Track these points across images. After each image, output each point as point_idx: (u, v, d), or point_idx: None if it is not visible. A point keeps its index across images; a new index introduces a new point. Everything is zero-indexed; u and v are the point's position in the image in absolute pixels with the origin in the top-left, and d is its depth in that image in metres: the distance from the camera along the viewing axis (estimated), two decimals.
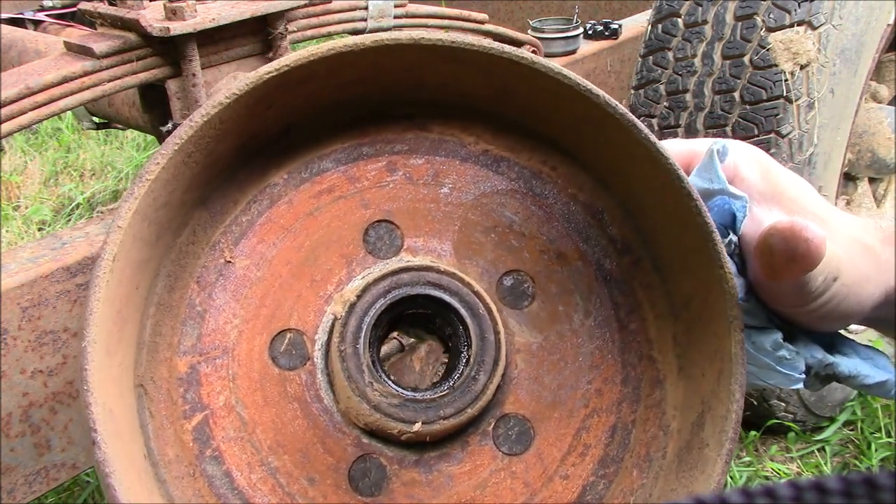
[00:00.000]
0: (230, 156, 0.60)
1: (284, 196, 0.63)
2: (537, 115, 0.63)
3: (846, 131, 1.31)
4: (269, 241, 0.62)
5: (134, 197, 0.52)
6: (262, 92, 0.56)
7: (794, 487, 0.28)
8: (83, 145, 2.68)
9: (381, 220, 0.64)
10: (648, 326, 0.63)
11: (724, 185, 0.57)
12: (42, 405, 0.92)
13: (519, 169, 0.65)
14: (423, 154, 0.65)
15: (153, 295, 0.59)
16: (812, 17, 1.19)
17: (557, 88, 0.57)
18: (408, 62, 0.59)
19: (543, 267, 0.64)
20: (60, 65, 0.93)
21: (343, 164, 0.64)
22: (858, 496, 0.27)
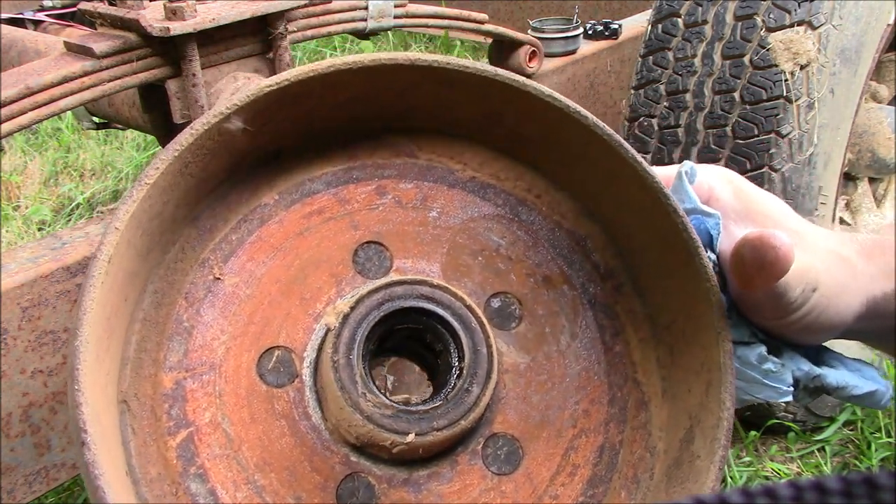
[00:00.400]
0: (222, 174, 0.60)
1: (275, 216, 0.63)
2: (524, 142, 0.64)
3: (846, 131, 1.31)
4: (259, 260, 0.62)
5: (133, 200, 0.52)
6: (261, 105, 0.56)
7: (794, 487, 0.28)
8: (83, 145, 2.68)
9: (371, 242, 0.64)
10: (632, 349, 0.64)
11: (695, 204, 0.59)
12: (42, 405, 0.92)
13: (505, 196, 0.66)
14: (412, 179, 0.66)
15: (139, 311, 0.58)
16: (812, 17, 1.19)
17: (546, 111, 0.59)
18: (402, 83, 0.60)
19: (530, 290, 0.65)
20: (60, 65, 0.93)
21: (334, 187, 0.64)
22: (858, 496, 0.27)
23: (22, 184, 2.47)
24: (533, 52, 1.42)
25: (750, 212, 0.60)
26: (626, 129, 1.37)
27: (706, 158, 1.26)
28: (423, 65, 0.58)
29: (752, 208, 0.60)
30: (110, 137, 2.70)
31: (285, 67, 1.09)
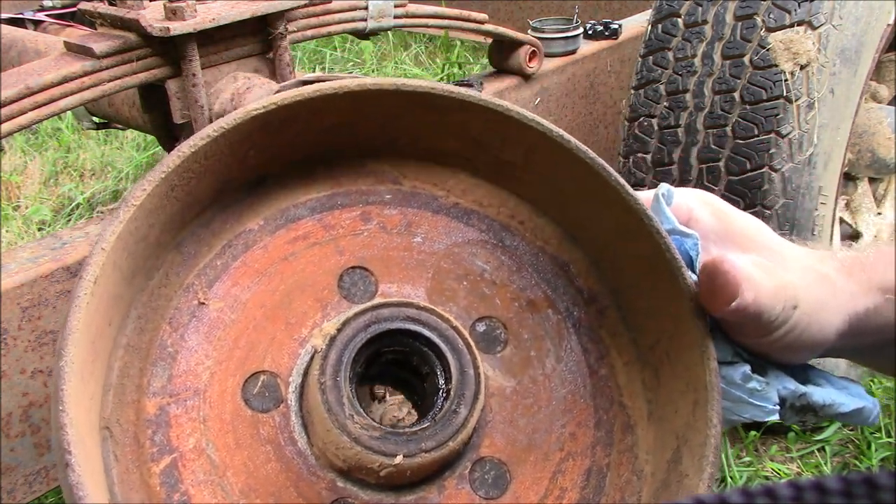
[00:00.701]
0: (207, 199, 0.60)
1: (260, 241, 0.63)
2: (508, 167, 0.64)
3: (846, 131, 1.31)
4: (244, 285, 0.62)
5: (119, 221, 0.52)
6: (248, 129, 0.56)
7: (794, 487, 0.28)
8: (83, 145, 2.68)
9: (356, 267, 0.64)
10: (617, 373, 0.64)
11: (673, 225, 0.59)
12: (42, 405, 0.92)
13: (489, 221, 0.67)
14: (396, 205, 0.66)
15: (122, 336, 0.58)
16: (812, 17, 1.19)
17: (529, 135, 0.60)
18: (387, 109, 0.60)
19: (515, 314, 0.65)
20: (60, 65, 0.93)
21: (318, 213, 0.64)
22: (858, 496, 0.27)
23: (22, 184, 2.47)
24: (533, 52, 1.42)
25: (729, 232, 0.61)
26: (626, 129, 1.37)
27: (706, 158, 1.26)
28: (408, 90, 0.58)
29: (731, 229, 0.61)
30: (110, 137, 2.70)
31: (285, 67, 1.09)
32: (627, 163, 1.37)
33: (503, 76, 1.44)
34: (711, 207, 0.62)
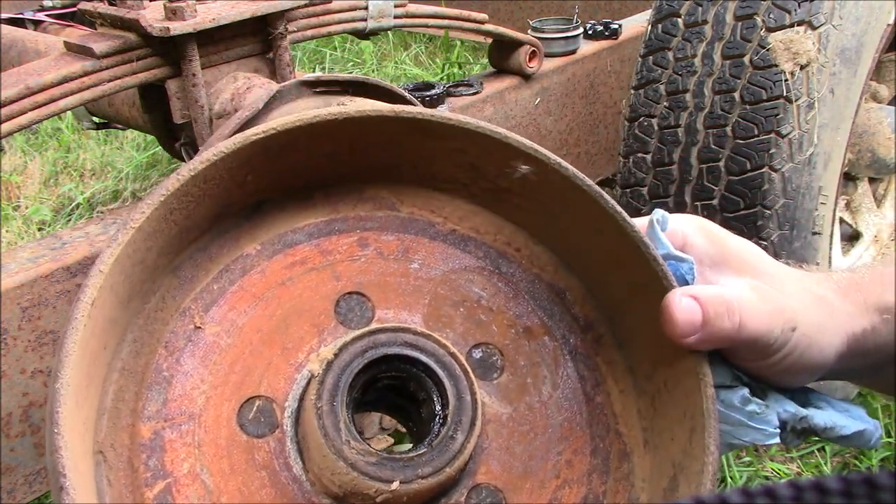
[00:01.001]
0: (205, 223, 0.60)
1: (257, 266, 0.63)
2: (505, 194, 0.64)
3: (846, 131, 1.31)
4: (241, 309, 0.61)
5: (118, 243, 0.52)
6: (248, 154, 0.56)
7: (794, 487, 0.28)
8: (83, 145, 2.68)
9: (353, 292, 0.64)
10: (613, 400, 0.64)
11: (668, 250, 0.59)
12: (42, 405, 0.92)
13: (485, 248, 0.67)
14: (393, 231, 0.66)
15: (118, 360, 0.57)
16: (812, 17, 1.19)
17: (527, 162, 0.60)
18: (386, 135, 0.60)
19: (511, 340, 0.65)
20: (60, 65, 0.93)
21: (316, 238, 0.64)
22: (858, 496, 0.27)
23: (22, 184, 2.47)
24: (533, 52, 1.42)
25: (724, 257, 0.61)
26: (626, 129, 1.37)
27: (706, 158, 1.26)
28: (408, 117, 0.59)
29: (726, 253, 0.61)
30: (110, 137, 2.70)
31: (285, 67, 1.09)
32: (627, 163, 1.37)
33: (503, 76, 1.44)
34: (706, 232, 0.62)
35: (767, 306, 0.56)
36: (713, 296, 0.56)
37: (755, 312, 0.56)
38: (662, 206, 1.33)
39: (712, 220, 1.32)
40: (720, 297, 0.56)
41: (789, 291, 0.59)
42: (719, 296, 0.56)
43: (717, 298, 0.56)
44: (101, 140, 2.69)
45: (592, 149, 1.66)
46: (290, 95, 0.95)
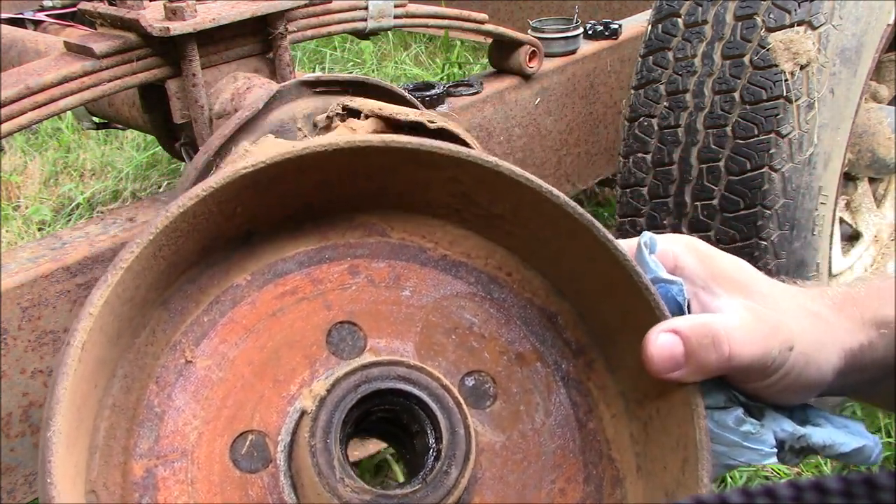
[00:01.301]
0: (194, 256, 0.60)
1: (247, 297, 0.62)
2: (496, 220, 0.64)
3: (846, 131, 1.31)
4: (232, 342, 0.61)
5: (107, 284, 0.51)
6: (237, 188, 0.56)
7: (794, 487, 0.28)
8: (83, 145, 2.68)
9: (344, 322, 0.64)
10: (606, 426, 0.64)
11: (656, 273, 0.59)
12: (42, 405, 0.92)
13: (477, 273, 0.66)
14: (384, 258, 0.66)
15: (108, 397, 0.57)
16: (812, 17, 1.19)
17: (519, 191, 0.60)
18: (376, 164, 0.60)
19: (503, 367, 0.65)
20: (60, 65, 0.93)
21: (306, 267, 0.64)
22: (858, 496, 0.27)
23: (22, 184, 2.47)
24: (533, 52, 1.42)
25: (716, 277, 0.60)
26: (626, 129, 1.37)
27: (706, 158, 1.26)
28: (398, 146, 0.58)
29: (718, 274, 0.60)
30: (110, 137, 2.70)
31: (285, 67, 1.09)
32: (627, 163, 1.37)
33: (503, 76, 1.44)
34: (697, 252, 0.62)
35: (763, 327, 0.56)
36: (697, 327, 0.55)
37: (748, 338, 0.55)
38: (662, 205, 1.33)
39: (712, 220, 1.33)
40: (705, 328, 0.55)
41: (784, 309, 0.58)
42: (704, 326, 0.55)
43: (701, 329, 0.55)
44: (101, 140, 2.69)
45: (592, 149, 1.66)
46: (290, 95, 0.95)
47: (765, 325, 0.56)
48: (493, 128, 1.41)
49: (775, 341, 0.56)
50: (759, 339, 0.55)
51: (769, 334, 0.56)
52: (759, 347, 0.55)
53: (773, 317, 0.57)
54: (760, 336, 0.55)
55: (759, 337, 0.55)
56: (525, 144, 1.49)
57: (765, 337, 0.55)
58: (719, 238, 1.28)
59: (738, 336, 0.55)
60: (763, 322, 0.56)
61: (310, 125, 0.96)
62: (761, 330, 0.56)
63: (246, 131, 0.91)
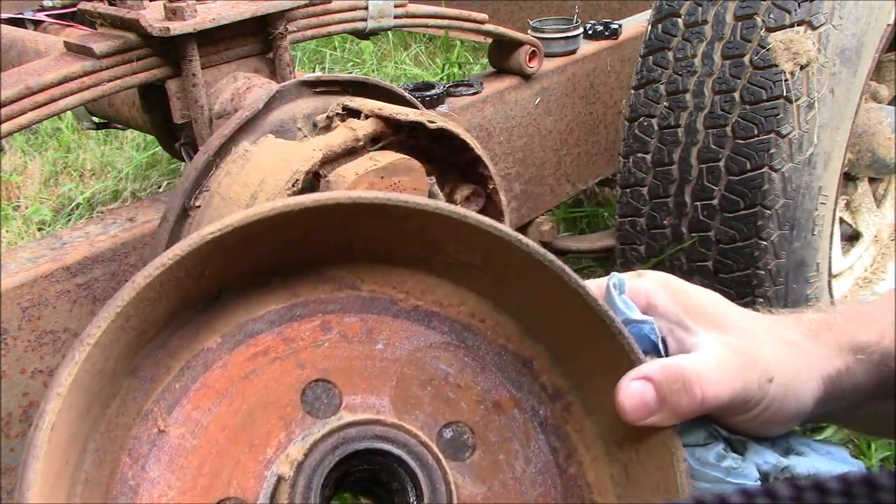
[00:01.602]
0: (163, 322, 0.59)
1: (219, 360, 0.61)
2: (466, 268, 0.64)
3: (846, 131, 1.31)
4: (205, 407, 0.60)
5: (74, 362, 0.50)
6: (204, 253, 0.56)
7: (794, 487, 0.28)
8: (83, 145, 2.68)
9: (319, 380, 0.63)
10: (586, 470, 0.63)
11: (627, 315, 0.59)
12: None
13: (450, 322, 0.66)
14: (356, 312, 0.65)
15: (80, 472, 0.55)
16: (812, 17, 1.19)
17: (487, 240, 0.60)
18: (344, 220, 0.60)
19: (481, 417, 0.64)
20: (60, 65, 0.93)
21: (277, 326, 0.63)
22: (858, 496, 0.27)
23: (22, 184, 2.47)
24: (533, 52, 1.42)
25: (690, 313, 0.60)
26: (626, 129, 1.37)
27: (706, 158, 1.26)
28: (365, 202, 0.58)
29: (692, 309, 0.60)
30: (110, 137, 2.70)
31: (285, 67, 1.09)
32: (627, 163, 1.37)
33: (503, 76, 1.44)
34: (669, 288, 0.62)
35: (740, 361, 0.56)
36: (668, 371, 0.55)
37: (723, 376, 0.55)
38: (662, 205, 1.33)
39: (712, 220, 1.33)
40: (675, 373, 0.54)
41: (761, 341, 0.58)
42: (674, 370, 0.55)
43: (671, 374, 0.54)
44: (101, 140, 2.69)
45: (592, 149, 1.66)
46: (290, 95, 0.95)
47: (742, 359, 0.56)
48: (493, 128, 1.41)
49: (754, 375, 0.56)
50: (735, 375, 0.55)
51: (747, 367, 0.56)
52: (737, 384, 0.55)
53: (751, 349, 0.57)
54: (737, 371, 0.55)
55: (735, 373, 0.55)
56: (525, 144, 1.49)
57: (742, 371, 0.55)
58: (719, 238, 1.28)
59: (710, 377, 0.55)
60: (740, 356, 0.56)
61: (310, 125, 0.96)
62: (738, 364, 0.56)
63: (246, 131, 0.91)
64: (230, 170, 0.88)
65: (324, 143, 0.88)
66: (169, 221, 0.88)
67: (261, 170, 0.86)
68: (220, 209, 0.86)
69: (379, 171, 0.87)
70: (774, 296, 1.29)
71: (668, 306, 0.61)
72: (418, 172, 0.91)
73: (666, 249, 1.35)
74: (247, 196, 0.84)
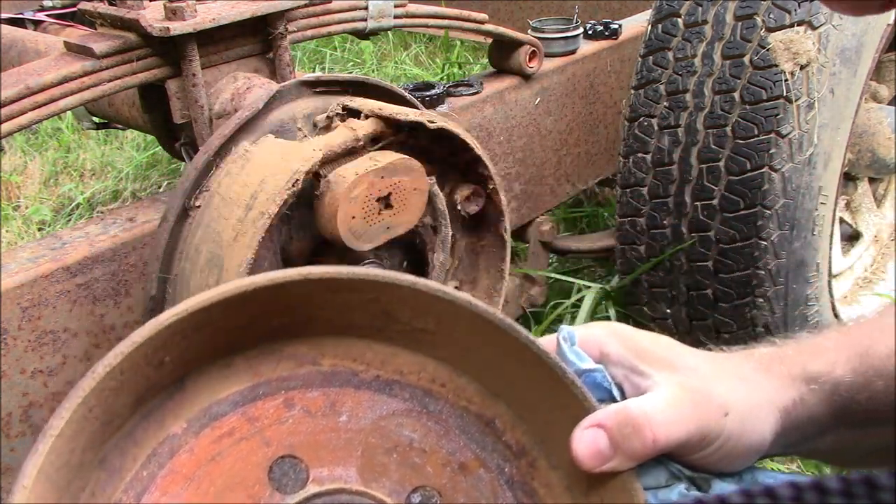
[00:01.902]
0: (128, 411, 0.59)
1: (185, 445, 0.62)
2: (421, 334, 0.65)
3: (846, 131, 1.31)
4: (173, 493, 0.60)
5: (38, 454, 0.50)
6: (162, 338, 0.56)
7: (794, 487, 0.28)
8: (83, 145, 2.68)
9: (285, 456, 0.64)
10: None
11: (578, 365, 0.61)
12: (42, 405, 0.92)
13: (411, 389, 0.67)
14: (318, 387, 0.66)
15: None
16: (812, 17, 1.19)
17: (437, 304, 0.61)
18: (299, 296, 0.61)
19: (448, 479, 0.65)
20: (60, 65, 0.93)
21: (241, 406, 0.64)
22: (858, 496, 0.27)
23: (22, 184, 2.47)
24: (533, 52, 1.42)
25: (642, 357, 0.61)
26: (626, 129, 1.37)
27: (706, 158, 1.26)
28: (315, 278, 0.60)
29: (643, 354, 0.61)
30: (110, 137, 2.70)
31: (285, 67, 1.09)
32: (627, 163, 1.37)
33: (503, 76, 1.44)
34: (619, 337, 0.63)
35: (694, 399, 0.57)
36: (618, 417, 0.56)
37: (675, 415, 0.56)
38: (662, 205, 1.33)
39: (712, 220, 1.33)
40: (625, 417, 0.56)
41: (713, 377, 0.59)
42: (624, 415, 0.56)
43: (621, 419, 0.56)
44: (101, 140, 2.70)
45: (592, 149, 1.66)
46: (290, 95, 0.95)
47: (695, 396, 0.57)
48: (493, 128, 1.41)
49: (708, 410, 0.57)
50: (688, 412, 0.56)
51: (700, 404, 0.57)
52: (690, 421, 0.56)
53: (703, 386, 0.58)
54: (690, 408, 0.56)
55: (687, 410, 0.56)
56: (525, 144, 1.49)
57: (695, 407, 0.56)
58: (719, 238, 1.28)
59: (661, 418, 0.56)
60: (693, 393, 0.57)
61: (310, 125, 0.96)
62: (691, 401, 0.57)
63: (246, 131, 0.91)
64: (230, 170, 0.88)
65: (324, 143, 0.88)
66: (169, 221, 0.88)
67: (261, 170, 0.86)
68: (220, 209, 0.86)
69: (379, 171, 0.87)
70: (774, 296, 1.29)
71: (621, 353, 0.62)
72: (418, 172, 0.91)
73: (666, 249, 1.35)
74: (247, 196, 0.84)
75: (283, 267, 0.92)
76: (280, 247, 0.91)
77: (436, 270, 1.03)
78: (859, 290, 1.68)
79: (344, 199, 0.85)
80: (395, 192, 0.89)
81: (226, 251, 0.83)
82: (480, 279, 1.12)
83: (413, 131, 0.95)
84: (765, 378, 0.61)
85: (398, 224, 0.91)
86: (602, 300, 1.55)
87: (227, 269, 0.83)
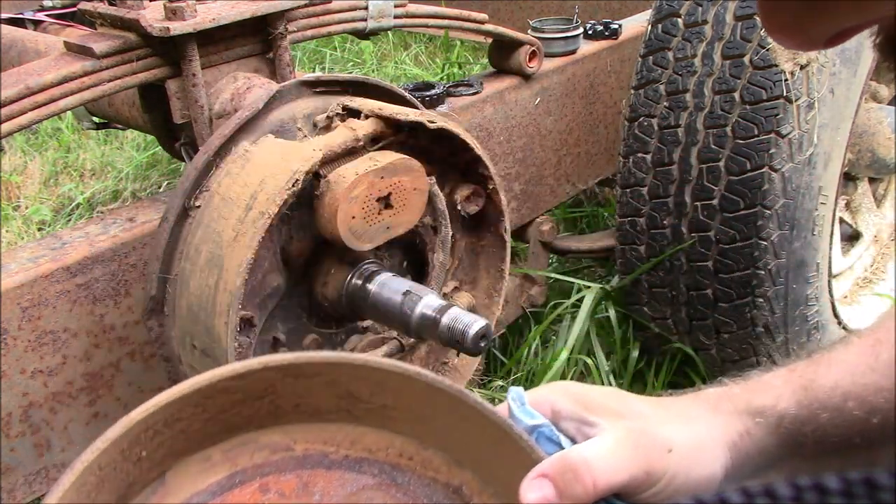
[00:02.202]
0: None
1: None
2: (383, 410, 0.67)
3: (846, 131, 1.31)
4: None
5: None
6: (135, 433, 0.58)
7: (794, 487, 0.28)
8: (83, 145, 2.68)
9: None
10: None
11: (525, 423, 0.63)
12: (42, 405, 0.92)
13: (379, 465, 0.69)
14: (291, 470, 0.69)
15: None
16: None
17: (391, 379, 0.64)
18: (263, 383, 0.64)
19: None
20: (60, 65, 0.93)
21: (219, 495, 0.67)
22: (858, 496, 0.27)
23: (22, 184, 2.47)
24: (533, 52, 1.42)
25: (592, 409, 0.63)
26: (626, 129, 1.37)
27: (706, 158, 1.26)
28: (275, 365, 0.63)
29: (592, 406, 0.63)
30: (110, 137, 2.70)
31: (285, 67, 1.09)
32: (627, 163, 1.37)
33: (503, 76, 1.44)
34: (570, 395, 0.65)
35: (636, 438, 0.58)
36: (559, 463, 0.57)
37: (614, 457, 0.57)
38: (662, 205, 1.33)
39: (712, 220, 1.33)
40: (565, 464, 0.57)
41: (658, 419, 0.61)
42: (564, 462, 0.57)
43: (562, 466, 0.57)
44: (101, 140, 2.70)
45: (592, 149, 1.66)
46: (290, 95, 0.95)
47: (637, 436, 0.59)
48: (493, 128, 1.41)
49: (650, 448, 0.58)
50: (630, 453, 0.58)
51: (642, 443, 0.58)
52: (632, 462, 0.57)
53: (648, 428, 0.60)
54: (631, 449, 0.58)
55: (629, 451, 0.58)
56: (525, 144, 1.49)
57: (636, 448, 0.58)
58: (719, 238, 1.28)
59: (600, 462, 0.57)
60: (636, 433, 0.59)
61: (310, 125, 0.96)
62: (633, 442, 0.58)
63: (246, 131, 0.91)
64: (230, 170, 0.88)
65: (324, 143, 0.88)
66: (169, 221, 0.88)
67: (261, 170, 0.86)
68: (220, 209, 0.86)
69: (379, 171, 0.87)
70: (774, 296, 1.29)
71: (571, 408, 0.64)
72: (418, 172, 0.91)
73: (666, 249, 1.35)
74: (247, 196, 0.84)
75: (283, 267, 0.92)
76: (280, 247, 0.91)
77: (436, 270, 1.03)
78: (859, 290, 1.68)
79: (344, 199, 0.85)
80: (395, 192, 0.89)
81: (226, 251, 0.83)
82: (480, 279, 1.12)
83: (413, 131, 0.95)
84: (711, 416, 0.63)
85: (398, 224, 0.91)
86: (602, 300, 1.55)
87: (227, 269, 0.83)
